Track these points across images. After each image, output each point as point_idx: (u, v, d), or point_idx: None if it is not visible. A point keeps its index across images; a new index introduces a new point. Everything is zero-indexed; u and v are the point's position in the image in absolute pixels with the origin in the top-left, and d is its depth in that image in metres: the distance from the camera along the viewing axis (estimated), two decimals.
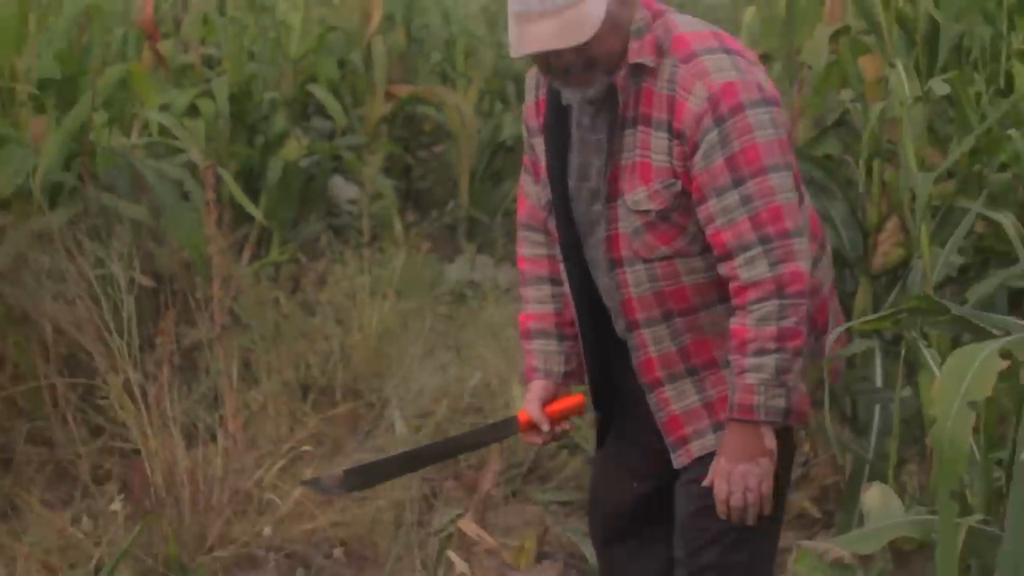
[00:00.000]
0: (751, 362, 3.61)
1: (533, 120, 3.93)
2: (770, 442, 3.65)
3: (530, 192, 4.02)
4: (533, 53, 3.58)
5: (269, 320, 7.39)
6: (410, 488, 5.95)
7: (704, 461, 3.75)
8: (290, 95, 9.86)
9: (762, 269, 3.58)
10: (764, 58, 6.77)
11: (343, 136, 10.13)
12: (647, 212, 3.67)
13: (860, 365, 5.30)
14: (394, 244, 9.17)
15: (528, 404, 3.98)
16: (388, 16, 10.98)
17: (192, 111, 8.69)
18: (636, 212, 3.70)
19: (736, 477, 3.64)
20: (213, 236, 6.63)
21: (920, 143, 4.84)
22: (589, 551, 5.45)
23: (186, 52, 9.45)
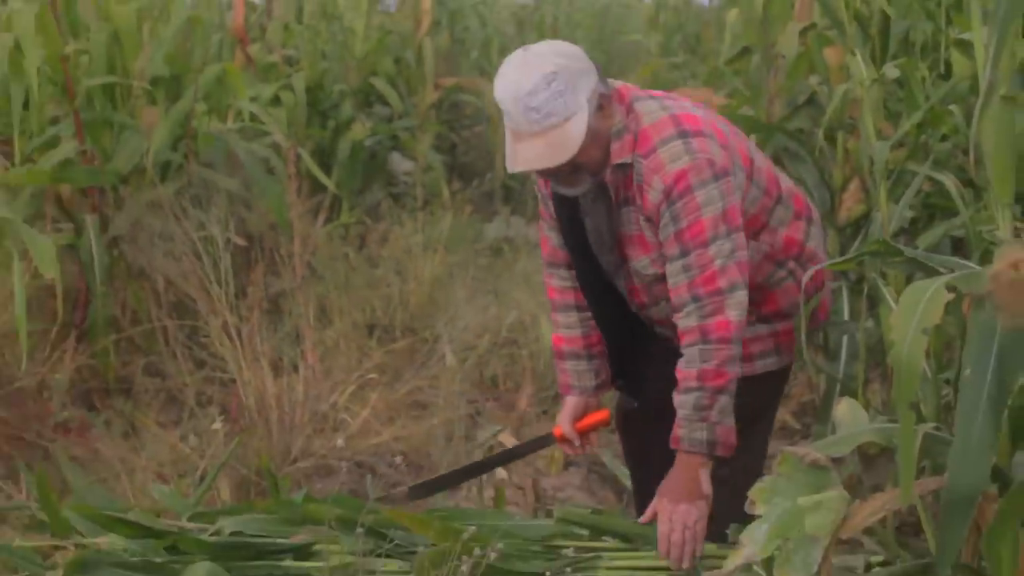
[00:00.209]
0: (678, 399, 3.59)
1: (544, 188, 3.87)
2: (707, 487, 3.58)
3: (550, 236, 3.95)
4: (523, 171, 3.55)
5: (340, 272, 7.37)
6: (459, 408, 5.93)
7: None
8: (355, 87, 9.82)
9: (693, 321, 3.55)
10: (745, 51, 6.76)
11: (399, 120, 10.07)
12: (653, 274, 3.68)
13: (830, 302, 5.26)
14: (442, 208, 9.14)
15: (562, 421, 4.00)
16: (436, 21, 10.96)
17: (276, 101, 8.69)
18: (644, 274, 3.71)
19: (677, 516, 3.58)
20: (294, 203, 6.64)
21: (876, 118, 4.80)
22: (609, 459, 5.43)
23: (270, 53, 9.43)
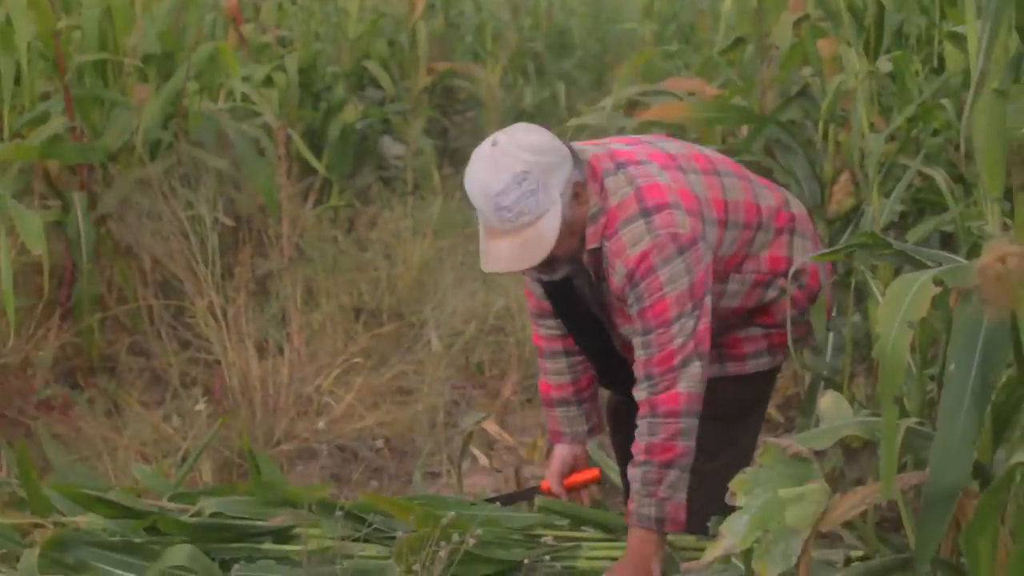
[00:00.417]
0: (630, 471, 3.60)
1: None
2: (657, 571, 3.54)
3: (534, 291, 3.92)
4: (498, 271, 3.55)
5: (328, 254, 7.36)
6: (443, 394, 5.93)
7: None
8: (348, 69, 9.82)
9: (644, 395, 3.55)
10: (739, 41, 6.74)
11: (391, 103, 10.06)
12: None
13: (834, 298, 5.26)
14: (433, 193, 9.13)
15: (551, 477, 4.03)
16: (430, 5, 10.94)
17: (268, 82, 8.68)
18: (628, 335, 3.67)
19: None
20: (283, 184, 6.63)
21: (868, 111, 4.79)
22: (593, 449, 5.40)
23: (264, 34, 9.42)
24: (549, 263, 3.49)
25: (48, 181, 6.32)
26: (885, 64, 4.82)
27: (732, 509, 2.82)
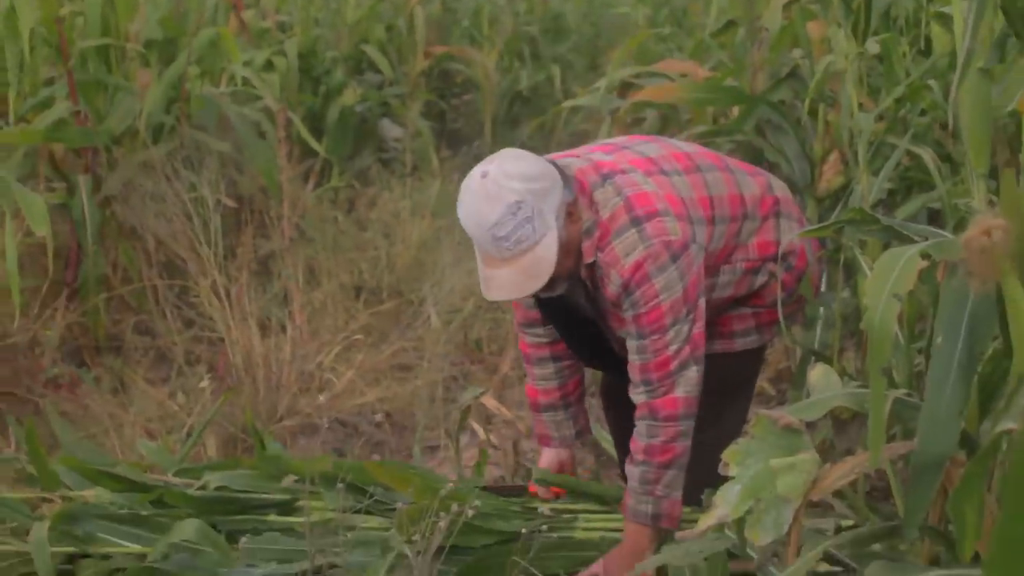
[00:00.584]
0: (627, 468, 3.66)
1: None
2: (651, 543, 3.63)
3: (522, 301, 3.93)
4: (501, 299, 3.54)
5: (329, 234, 7.36)
6: (442, 370, 5.94)
7: None
8: (347, 53, 9.81)
9: (642, 398, 3.58)
10: (730, 24, 6.74)
11: (390, 86, 10.04)
12: None
13: (821, 276, 5.27)
14: (431, 174, 9.10)
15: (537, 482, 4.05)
16: None
17: (268, 66, 8.65)
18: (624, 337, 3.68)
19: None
20: (284, 166, 6.64)
21: (857, 92, 4.79)
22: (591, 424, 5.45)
23: (264, 19, 9.40)
24: (549, 283, 3.47)
25: (53, 164, 6.31)
26: (873, 46, 4.83)
27: (722, 481, 2.84)
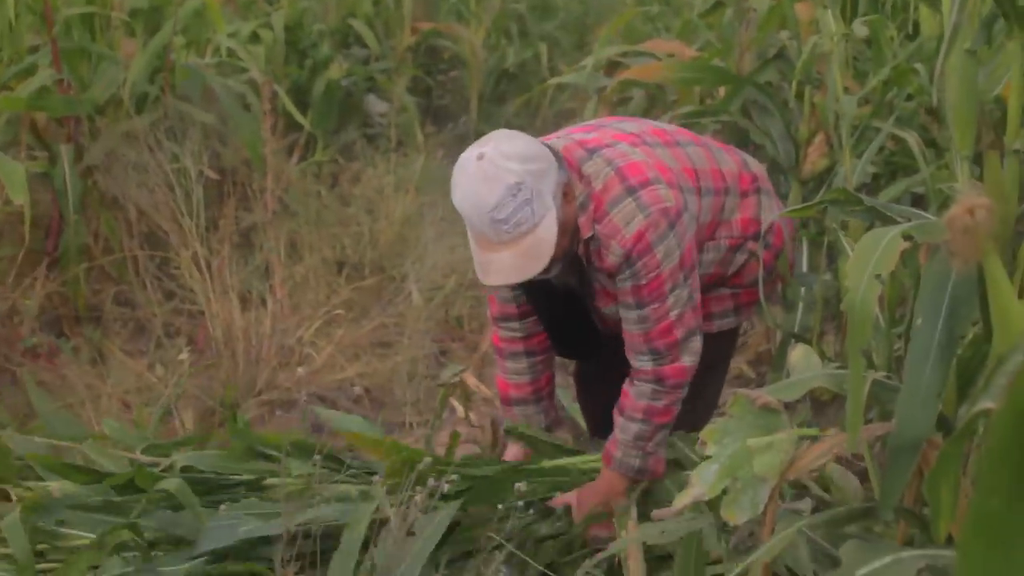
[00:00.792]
0: (620, 422, 3.66)
1: None
2: (625, 492, 3.69)
3: (500, 296, 3.91)
4: (498, 284, 3.48)
5: (312, 208, 7.34)
6: (423, 347, 5.93)
7: None
8: (334, 27, 9.78)
9: (648, 365, 3.59)
10: (718, 5, 6.73)
11: (376, 61, 10.00)
12: (617, 314, 3.64)
13: (795, 256, 5.26)
14: (415, 150, 9.08)
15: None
16: None
17: (254, 38, 8.63)
18: (611, 315, 3.71)
19: (588, 510, 3.69)
20: (268, 139, 6.60)
21: (844, 74, 4.79)
22: (568, 402, 5.43)
23: None
24: (548, 267, 3.42)
25: (35, 133, 6.28)
26: (860, 28, 4.82)
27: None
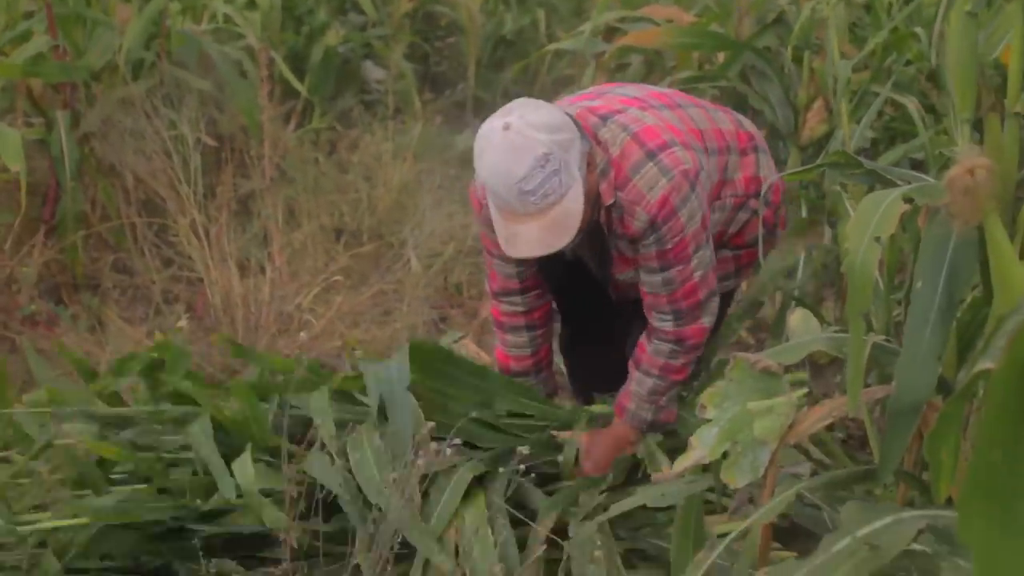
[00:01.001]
0: (636, 375, 3.73)
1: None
2: (636, 443, 3.78)
3: (501, 270, 3.88)
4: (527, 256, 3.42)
5: (310, 175, 7.33)
6: (422, 314, 5.93)
7: None
8: None
9: (669, 326, 3.64)
10: None
11: (374, 28, 9.97)
12: (634, 278, 3.67)
13: (790, 218, 5.26)
14: (413, 117, 9.08)
15: None
16: None
17: (251, 4, 8.56)
18: (626, 280, 3.74)
19: (601, 462, 3.74)
20: (265, 106, 6.57)
21: (842, 38, 4.78)
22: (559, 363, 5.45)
23: None
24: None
25: (31, 100, 6.26)
26: None
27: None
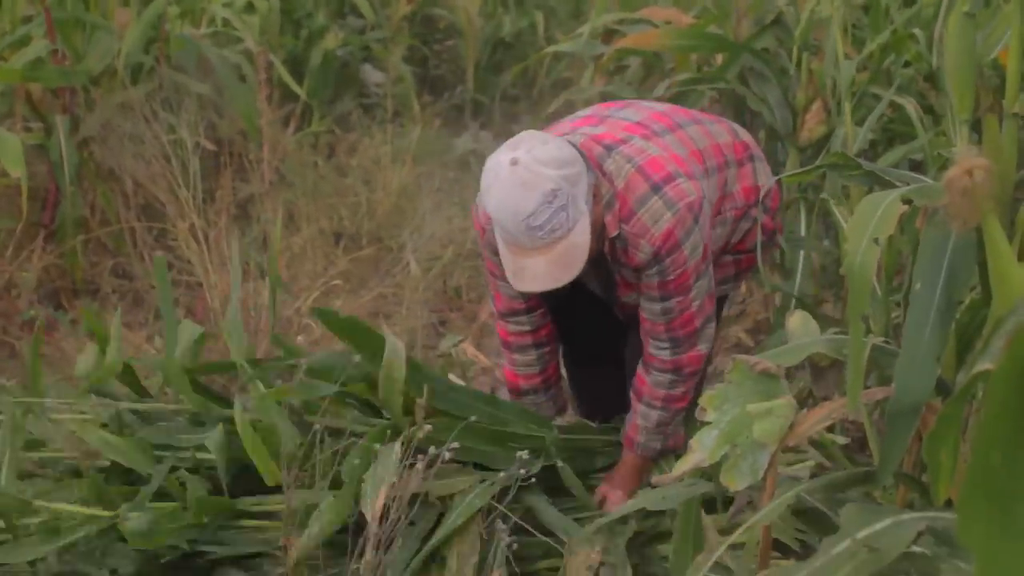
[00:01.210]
0: (640, 408, 3.74)
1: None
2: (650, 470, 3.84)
3: (503, 289, 3.85)
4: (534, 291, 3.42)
5: (309, 179, 7.33)
6: (421, 317, 5.93)
7: None
8: None
9: (667, 355, 3.65)
10: None
11: (372, 31, 9.99)
12: (637, 302, 3.67)
13: (788, 220, 5.26)
14: (412, 120, 9.08)
15: None
16: None
17: (249, 8, 8.57)
18: (630, 302, 3.74)
19: (626, 498, 3.74)
20: (264, 110, 6.58)
21: (842, 40, 4.78)
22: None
23: None
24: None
25: (31, 104, 6.26)
26: None
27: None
